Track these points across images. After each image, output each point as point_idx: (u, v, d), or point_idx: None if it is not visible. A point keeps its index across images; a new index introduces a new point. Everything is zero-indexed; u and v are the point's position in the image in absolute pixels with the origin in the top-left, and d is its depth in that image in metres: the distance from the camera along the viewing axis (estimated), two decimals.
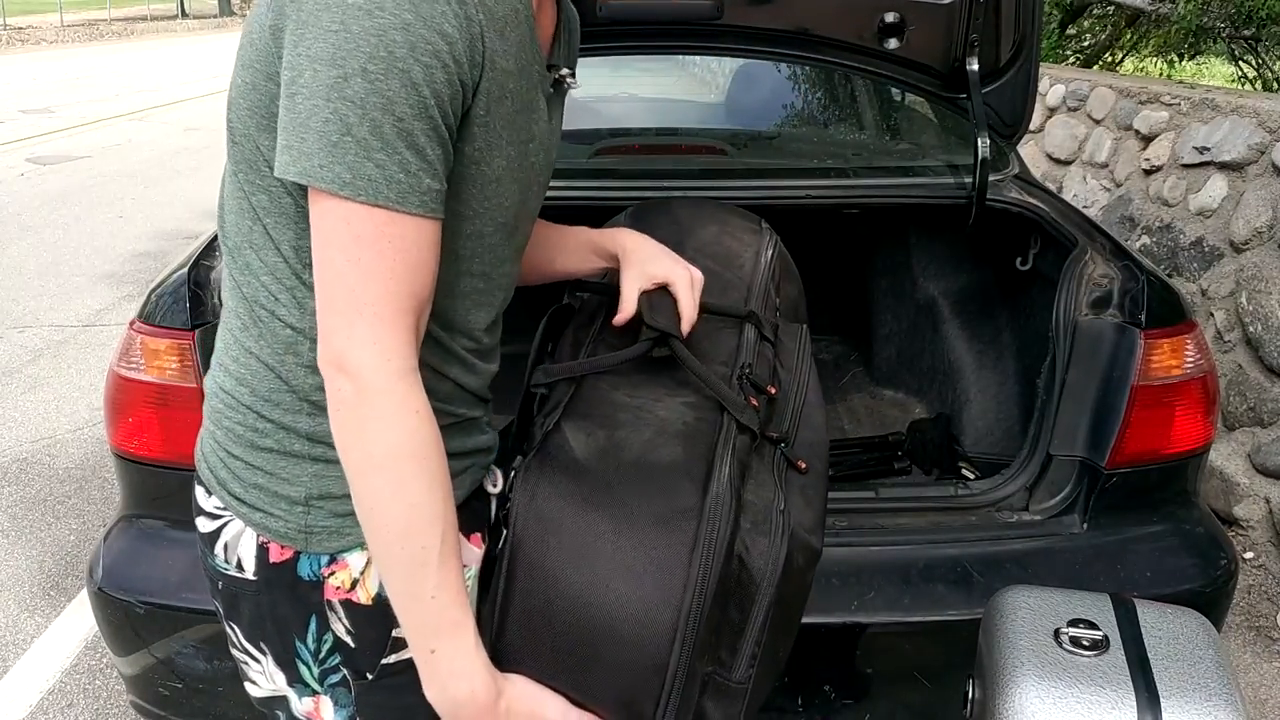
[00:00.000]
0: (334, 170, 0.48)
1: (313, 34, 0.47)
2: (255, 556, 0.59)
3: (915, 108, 1.61)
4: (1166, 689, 0.68)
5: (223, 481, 0.60)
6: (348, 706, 0.61)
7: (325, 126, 0.47)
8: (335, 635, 0.59)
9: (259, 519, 0.58)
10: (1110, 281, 1.04)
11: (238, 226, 0.56)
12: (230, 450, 0.59)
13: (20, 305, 3.14)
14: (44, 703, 1.41)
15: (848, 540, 0.99)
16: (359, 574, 0.58)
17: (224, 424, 0.59)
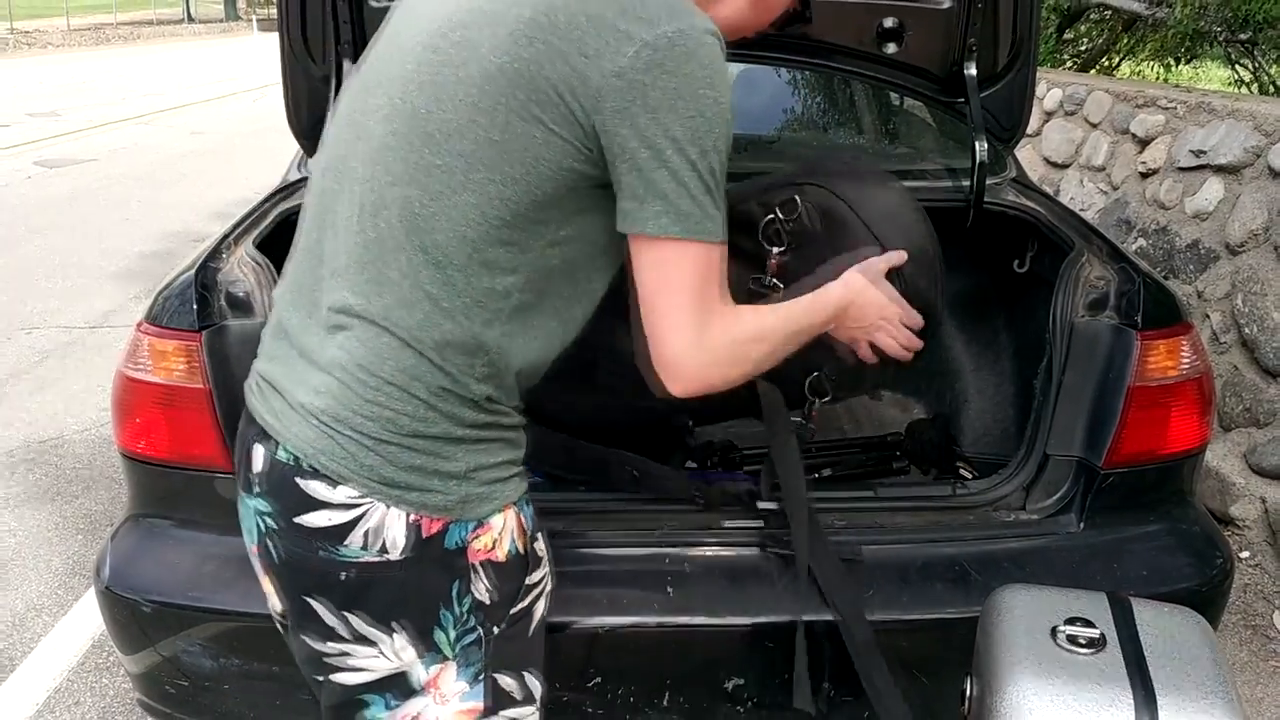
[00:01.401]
0: (702, 224, 0.61)
1: (670, 118, 0.58)
2: (406, 535, 0.64)
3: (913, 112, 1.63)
4: (1163, 687, 0.69)
5: (368, 469, 0.64)
6: (476, 664, 0.69)
7: (701, 195, 0.60)
8: (474, 596, 0.67)
9: (415, 497, 0.64)
10: (1107, 283, 1.05)
11: (458, 249, 0.62)
12: (383, 438, 0.63)
13: (28, 307, 3.15)
14: (51, 701, 1.42)
15: (847, 540, 1.00)
16: (499, 534, 0.67)
17: (381, 415, 0.63)
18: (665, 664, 0.97)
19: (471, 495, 0.65)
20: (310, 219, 0.70)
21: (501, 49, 0.60)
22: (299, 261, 0.70)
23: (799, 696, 0.90)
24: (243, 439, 0.70)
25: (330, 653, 0.68)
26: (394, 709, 0.69)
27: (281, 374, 0.67)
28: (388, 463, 0.64)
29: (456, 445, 0.65)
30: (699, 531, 1.00)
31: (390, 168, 0.63)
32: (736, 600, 0.96)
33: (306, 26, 1.19)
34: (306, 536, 0.65)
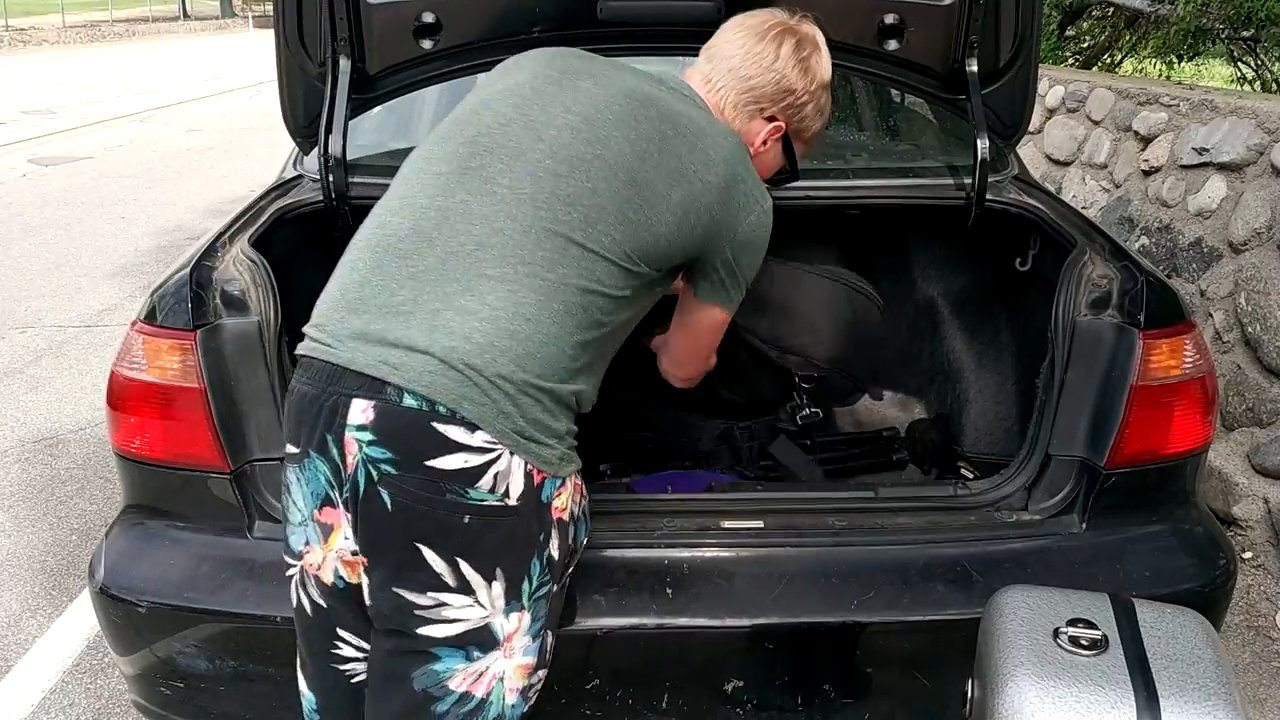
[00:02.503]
0: (735, 301, 0.90)
1: (752, 255, 0.88)
2: (524, 482, 0.72)
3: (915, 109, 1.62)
4: (1165, 688, 0.69)
5: (507, 415, 0.72)
6: (540, 619, 0.77)
7: (741, 286, 0.89)
8: (549, 551, 0.76)
9: (534, 449, 0.73)
10: (1109, 282, 1.04)
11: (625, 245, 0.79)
12: (524, 391, 0.72)
13: (22, 305, 3.14)
14: (46, 702, 1.42)
15: (847, 540, 1.00)
16: (570, 495, 0.77)
17: (527, 373, 0.72)
18: (664, 666, 0.96)
19: (565, 455, 0.75)
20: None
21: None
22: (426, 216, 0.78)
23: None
24: (316, 401, 0.73)
25: (426, 604, 0.72)
26: (473, 661, 0.74)
27: (398, 325, 0.72)
28: (521, 413, 0.72)
29: (561, 407, 0.75)
30: (698, 532, 1.00)
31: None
32: (736, 602, 0.95)
33: (302, 23, 1.18)
34: (437, 479, 0.70)
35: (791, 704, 0.98)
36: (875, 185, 1.25)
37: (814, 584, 0.96)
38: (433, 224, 0.75)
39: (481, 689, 0.74)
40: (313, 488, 0.75)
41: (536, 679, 0.80)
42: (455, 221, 0.75)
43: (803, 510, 1.03)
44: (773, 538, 0.99)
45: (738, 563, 0.98)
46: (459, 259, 0.73)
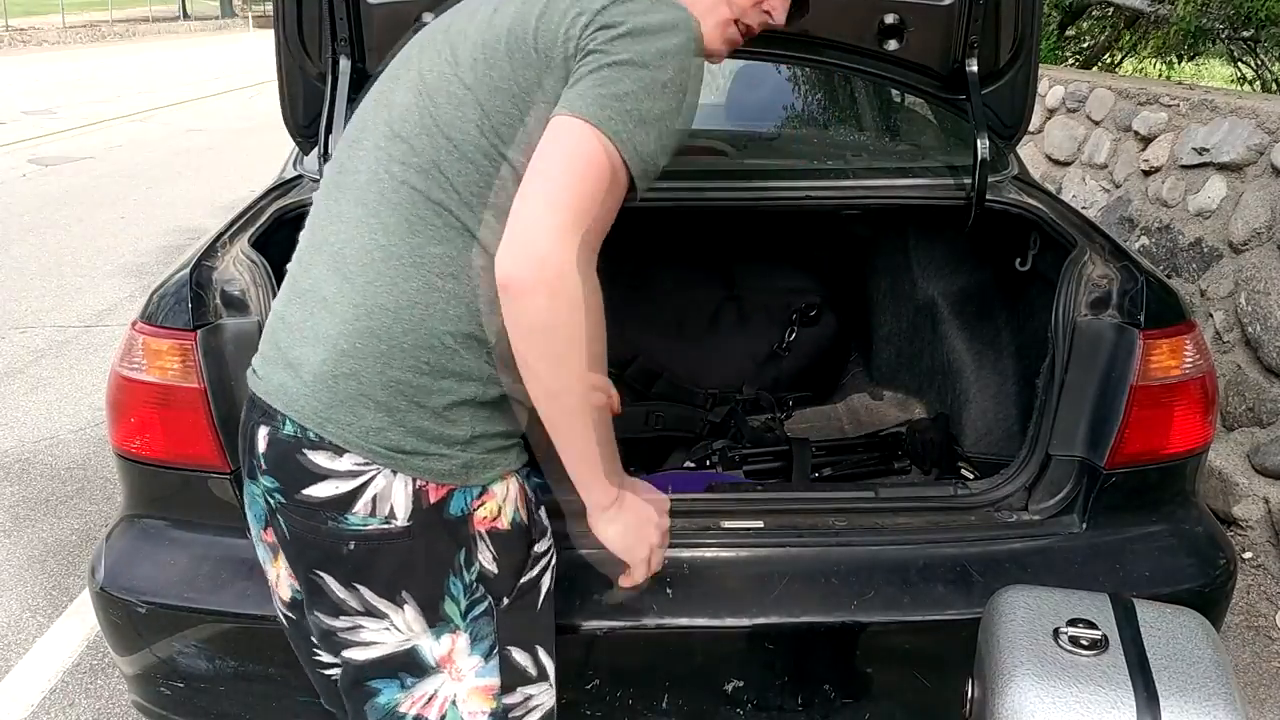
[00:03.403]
0: (622, 126, 0.64)
1: (669, 66, 0.65)
2: (410, 501, 0.66)
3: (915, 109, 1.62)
4: (1165, 689, 0.69)
5: (373, 431, 0.65)
6: (488, 638, 0.71)
7: (626, 99, 0.64)
8: (481, 566, 0.69)
9: (419, 462, 0.66)
10: (1109, 282, 1.04)
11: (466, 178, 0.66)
12: (390, 400, 0.66)
13: (22, 305, 3.14)
14: (46, 702, 1.42)
15: (848, 540, 0.99)
16: (502, 501, 0.70)
17: (394, 372, 0.65)
18: (664, 666, 0.96)
19: (475, 462, 0.67)
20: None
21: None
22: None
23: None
24: (243, 427, 0.73)
25: (342, 627, 0.69)
26: (410, 688, 0.70)
27: (295, 343, 0.69)
28: (396, 425, 0.65)
29: (463, 408, 0.67)
30: (699, 532, 1.00)
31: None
32: (736, 602, 0.95)
33: (302, 24, 1.18)
34: (314, 508, 0.66)
35: (791, 704, 0.98)
36: (875, 185, 1.25)
37: (814, 584, 0.96)
38: (321, 232, 0.71)
39: (434, 713, 0.70)
40: (254, 510, 0.74)
41: (516, 699, 0.73)
42: (331, 223, 0.70)
43: (803, 510, 1.03)
44: (773, 538, 0.99)
45: (738, 563, 0.98)
46: (333, 263, 0.68)
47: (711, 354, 1.67)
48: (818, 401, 1.69)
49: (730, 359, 1.67)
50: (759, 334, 1.69)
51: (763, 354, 1.68)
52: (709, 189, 1.23)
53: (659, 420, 1.55)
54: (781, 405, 1.61)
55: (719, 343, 1.68)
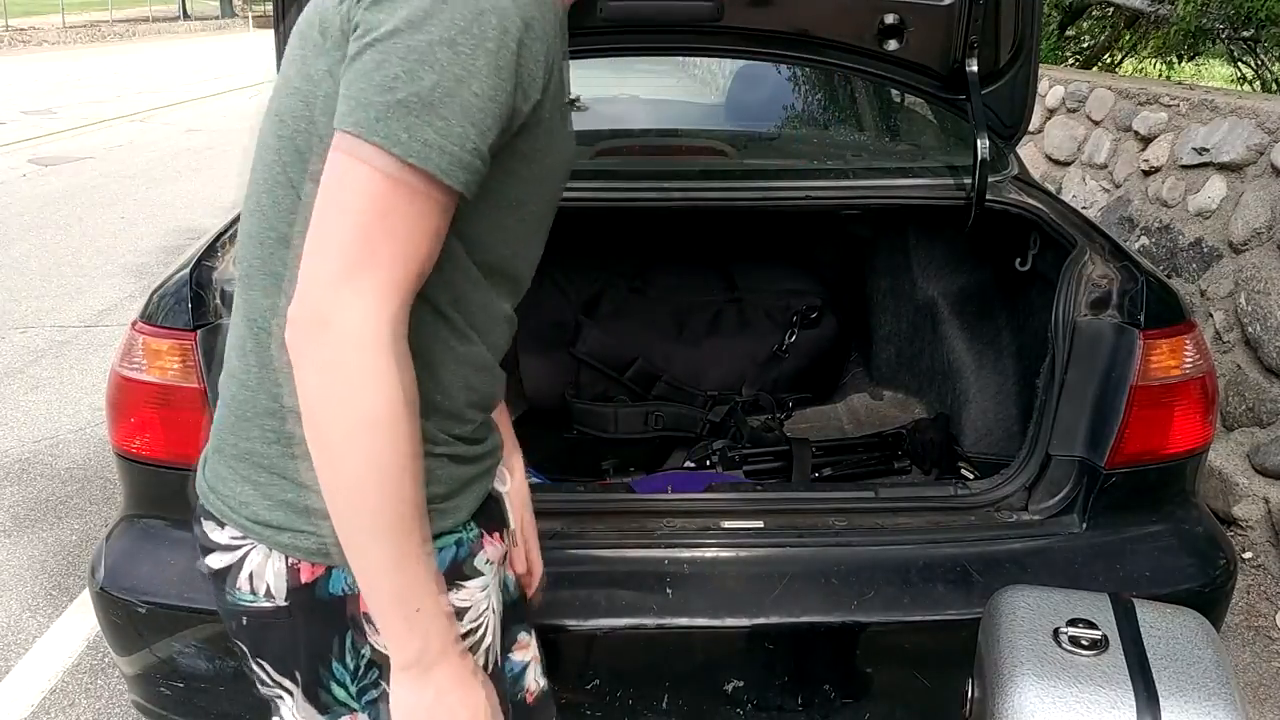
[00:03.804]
0: (391, 127, 0.48)
1: (401, 2, 0.47)
2: (285, 579, 0.58)
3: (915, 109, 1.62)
4: (1166, 688, 0.69)
5: (243, 504, 0.58)
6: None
7: (394, 83, 0.47)
8: (373, 648, 0.58)
9: (287, 539, 0.58)
10: (1109, 282, 1.04)
11: (270, 196, 0.55)
12: (251, 473, 0.58)
13: (23, 306, 3.14)
14: (46, 702, 1.42)
15: (848, 540, 0.99)
16: None
17: (246, 442, 0.58)
18: (664, 666, 0.96)
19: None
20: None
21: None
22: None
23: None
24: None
25: (269, 695, 0.63)
26: None
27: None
28: (261, 497, 0.58)
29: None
30: (698, 532, 1.00)
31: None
32: (736, 602, 0.95)
33: None
34: (213, 579, 0.61)
35: (791, 704, 0.98)
36: (875, 185, 1.25)
37: (814, 584, 0.96)
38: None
39: None
40: None
41: None
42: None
43: (803, 510, 1.03)
44: (773, 538, 0.99)
45: (738, 563, 0.98)
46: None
47: (711, 355, 1.67)
48: (818, 402, 1.69)
49: (730, 360, 1.67)
50: (759, 336, 1.69)
51: (763, 355, 1.69)
52: (709, 189, 1.23)
53: (659, 421, 1.55)
54: (781, 406, 1.61)
55: (719, 344, 1.68)
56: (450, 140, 0.48)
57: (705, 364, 1.67)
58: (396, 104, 0.47)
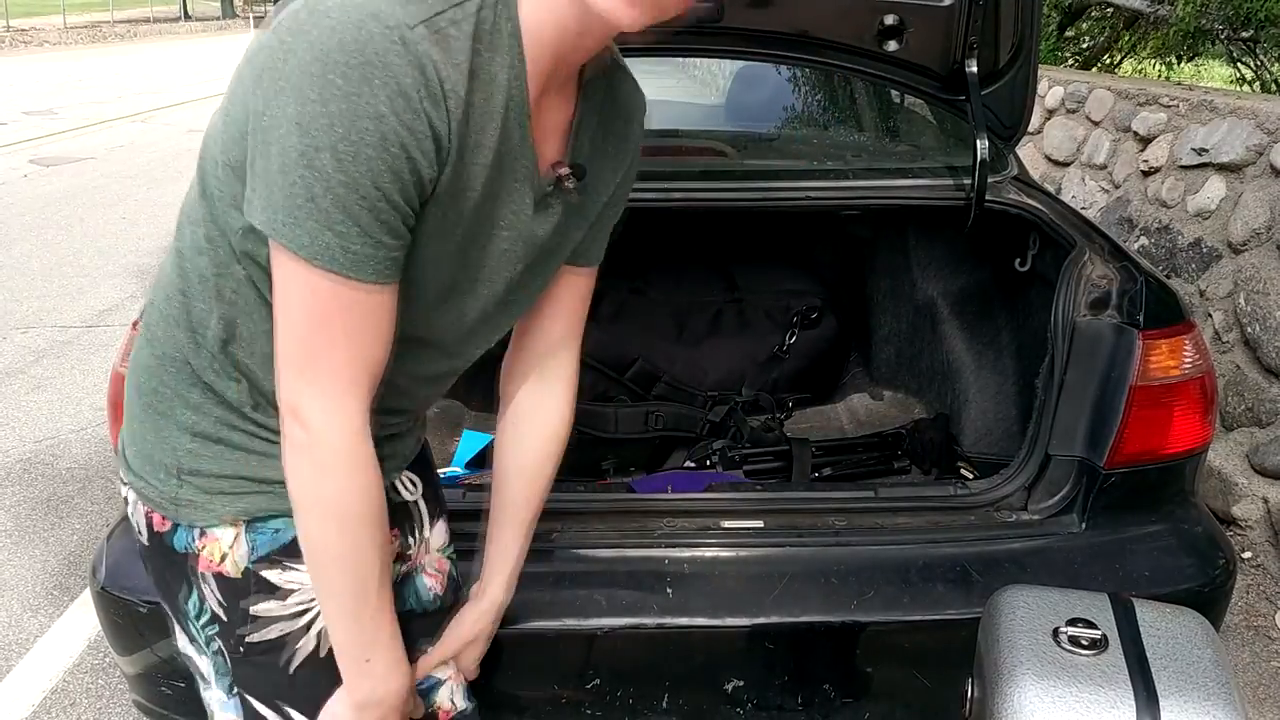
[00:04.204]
0: (295, 233, 0.50)
1: (291, 96, 0.48)
2: (144, 524, 0.63)
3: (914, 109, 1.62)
4: (1165, 688, 0.69)
5: (124, 444, 0.64)
6: (225, 675, 0.66)
7: (293, 189, 0.49)
8: (210, 608, 0.62)
9: (140, 486, 0.63)
10: (1108, 282, 1.04)
11: (193, 207, 0.58)
12: (133, 413, 0.63)
13: (24, 306, 3.15)
14: (47, 702, 1.42)
15: (847, 540, 0.99)
16: (228, 548, 0.61)
17: (133, 381, 0.63)
18: (664, 665, 0.96)
19: (182, 499, 0.60)
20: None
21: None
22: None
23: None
24: None
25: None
26: (201, 686, 0.69)
27: None
28: (132, 441, 0.63)
29: (176, 437, 0.60)
30: (698, 532, 1.00)
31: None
32: (736, 601, 0.95)
33: None
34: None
35: (791, 704, 0.98)
36: (875, 186, 1.26)
37: (814, 584, 0.96)
38: None
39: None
40: None
41: None
42: None
43: (803, 510, 1.03)
44: (773, 538, 0.99)
45: (738, 563, 0.98)
46: None
47: (711, 356, 1.67)
48: (818, 402, 1.69)
49: (730, 361, 1.67)
50: (759, 337, 1.69)
51: (763, 356, 1.69)
52: (709, 189, 1.23)
53: (659, 420, 1.56)
54: (781, 406, 1.61)
55: (719, 344, 1.68)
56: (349, 240, 0.50)
57: (705, 364, 1.67)
58: (296, 209, 0.49)
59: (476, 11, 0.51)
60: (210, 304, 0.57)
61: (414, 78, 0.48)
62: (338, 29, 0.47)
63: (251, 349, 0.57)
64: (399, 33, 0.47)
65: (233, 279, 0.56)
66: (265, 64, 0.49)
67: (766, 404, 1.62)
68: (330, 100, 0.47)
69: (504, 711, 0.97)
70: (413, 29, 0.48)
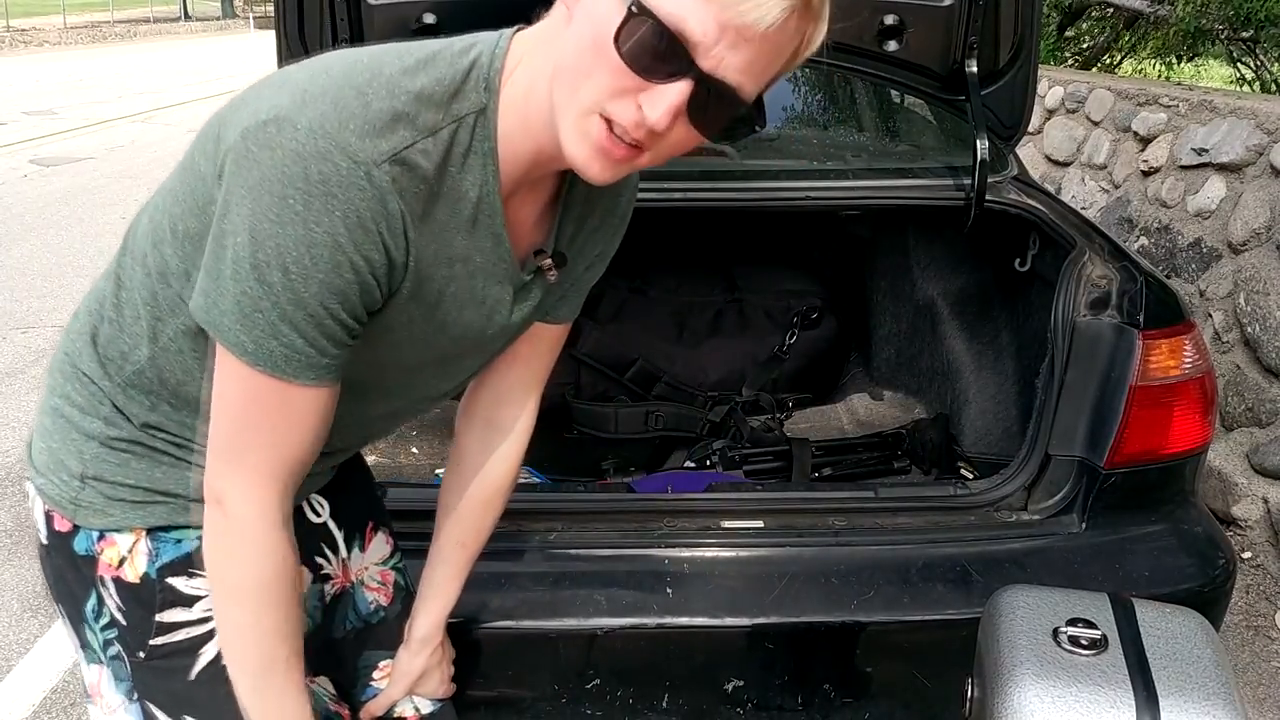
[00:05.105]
0: (239, 337, 0.50)
1: (248, 207, 0.48)
2: (44, 522, 0.63)
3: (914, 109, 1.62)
4: (1165, 688, 0.69)
5: (33, 440, 0.64)
6: (125, 680, 0.64)
7: (241, 297, 0.49)
8: (110, 612, 0.62)
9: (40, 483, 0.62)
10: (1108, 282, 1.05)
11: (142, 244, 0.57)
12: (45, 409, 0.63)
13: (24, 306, 3.15)
14: (47, 702, 1.42)
15: (847, 540, 1.00)
16: (126, 552, 0.61)
17: (50, 381, 0.63)
18: (664, 665, 0.96)
19: (83, 501, 0.60)
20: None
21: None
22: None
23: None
24: None
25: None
26: (88, 703, 0.67)
27: None
28: (40, 434, 0.63)
29: (83, 443, 0.60)
30: (699, 532, 1.00)
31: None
32: (736, 601, 0.95)
33: (304, 24, 1.18)
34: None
35: (791, 704, 0.98)
36: (875, 186, 1.26)
37: (814, 584, 0.96)
38: None
39: None
40: None
41: None
42: None
43: (803, 510, 1.03)
44: (773, 538, 0.99)
45: (738, 563, 0.98)
46: None
47: (712, 356, 1.67)
48: (818, 402, 1.69)
49: (730, 361, 1.67)
50: (759, 337, 1.69)
51: (763, 356, 1.69)
52: (709, 189, 1.23)
53: (659, 420, 1.56)
54: (781, 406, 1.62)
55: (719, 344, 1.68)
56: (294, 350, 0.50)
57: (705, 364, 1.67)
58: (243, 316, 0.50)
59: (451, 137, 0.51)
60: (138, 340, 0.58)
61: (375, 211, 0.49)
62: (303, 156, 0.47)
63: (176, 391, 0.58)
64: (364, 169, 0.48)
65: (171, 326, 0.56)
66: (229, 161, 0.49)
67: (766, 404, 1.62)
68: (287, 223, 0.47)
69: (504, 711, 0.97)
70: (379, 165, 0.48)
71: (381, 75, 0.50)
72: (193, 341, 0.56)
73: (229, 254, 0.49)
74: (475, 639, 0.92)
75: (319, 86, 0.49)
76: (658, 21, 0.45)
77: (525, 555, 0.96)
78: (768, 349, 1.69)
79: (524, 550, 0.96)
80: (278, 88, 0.50)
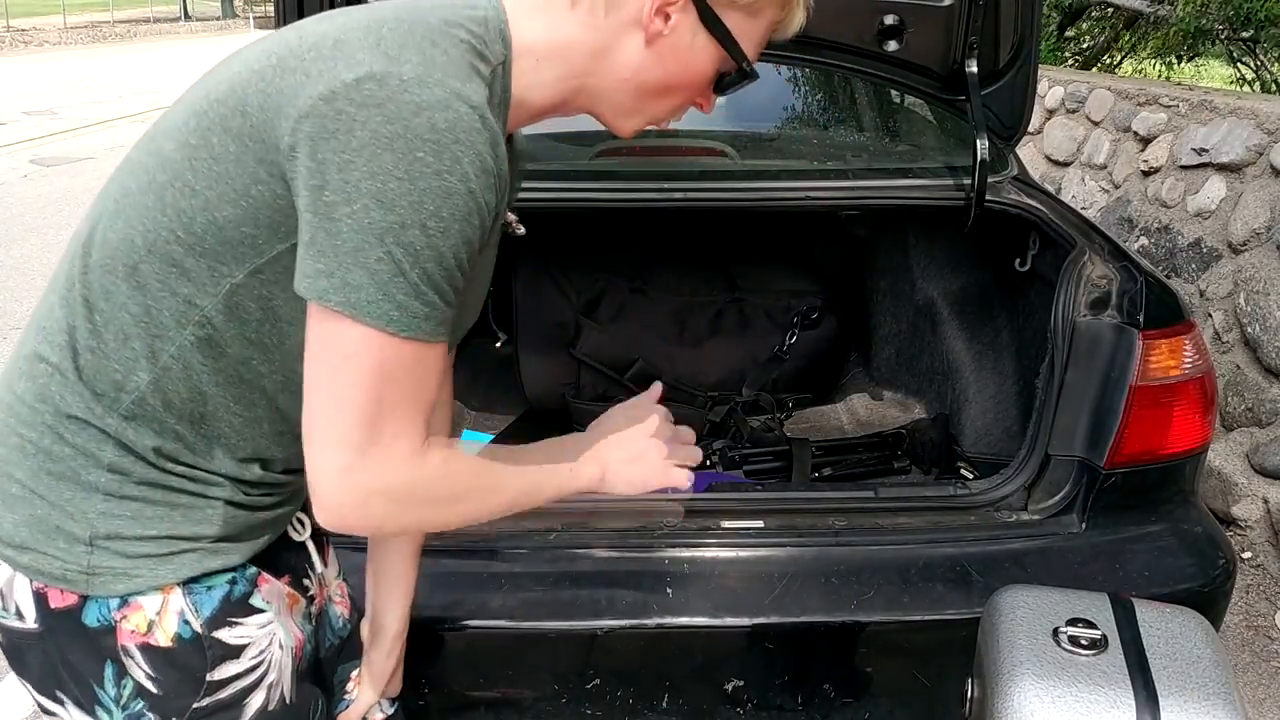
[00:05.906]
0: (383, 308, 0.48)
1: (367, 169, 0.46)
2: (34, 603, 0.55)
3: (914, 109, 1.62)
4: (1165, 688, 0.69)
5: (4, 513, 0.55)
6: None
7: (377, 265, 0.47)
8: (135, 681, 0.56)
9: (28, 560, 0.55)
10: (1108, 282, 1.05)
11: (128, 255, 0.53)
12: (8, 474, 0.55)
13: (24, 306, 3.15)
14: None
15: (847, 540, 1.00)
16: (155, 615, 0.56)
17: (4, 450, 0.55)
18: (664, 666, 0.96)
19: (99, 568, 0.54)
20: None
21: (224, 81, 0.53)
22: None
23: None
24: None
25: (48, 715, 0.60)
26: None
27: None
28: (8, 508, 0.54)
29: (84, 501, 0.53)
30: (699, 532, 1.00)
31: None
32: (736, 601, 0.95)
33: None
34: None
35: (791, 704, 0.98)
36: (875, 186, 1.26)
37: (814, 584, 0.96)
38: None
39: None
40: None
41: None
42: None
43: (803, 510, 1.03)
44: (773, 538, 0.99)
45: (738, 563, 0.98)
46: None
47: (712, 356, 1.67)
48: (818, 402, 1.69)
49: (730, 361, 1.67)
50: (759, 336, 1.69)
51: (763, 356, 1.69)
52: (709, 189, 1.23)
53: None
54: (781, 406, 1.62)
55: (719, 345, 1.68)
56: (433, 308, 0.50)
57: (705, 364, 1.67)
58: (383, 284, 0.47)
59: (495, 84, 0.53)
60: (132, 365, 0.53)
61: (493, 154, 0.49)
62: (424, 107, 0.46)
63: (183, 414, 0.54)
64: (479, 112, 0.48)
65: (174, 343, 0.52)
66: (311, 129, 0.47)
67: (767, 404, 1.62)
68: (419, 177, 0.46)
69: (504, 711, 0.97)
70: (484, 107, 0.49)
71: (428, 25, 0.50)
72: (204, 355, 0.53)
73: (346, 225, 0.46)
74: (476, 639, 0.92)
75: (392, 40, 0.48)
76: (749, 66, 0.58)
77: (525, 555, 0.96)
78: (768, 349, 1.69)
79: (524, 550, 0.96)
80: (336, 47, 0.48)
